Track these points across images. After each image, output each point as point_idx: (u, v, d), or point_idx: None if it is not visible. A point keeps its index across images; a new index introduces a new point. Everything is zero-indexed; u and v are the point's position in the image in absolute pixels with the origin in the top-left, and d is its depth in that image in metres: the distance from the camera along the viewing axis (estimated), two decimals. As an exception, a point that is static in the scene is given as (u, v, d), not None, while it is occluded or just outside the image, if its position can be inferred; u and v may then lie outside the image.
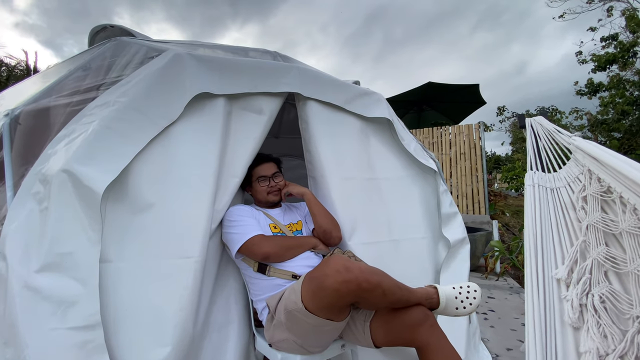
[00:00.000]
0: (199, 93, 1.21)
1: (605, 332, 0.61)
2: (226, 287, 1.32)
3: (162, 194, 1.10)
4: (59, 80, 1.37)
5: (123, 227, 1.02)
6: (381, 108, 1.66)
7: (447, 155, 5.73)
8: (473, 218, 5.21)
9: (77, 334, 0.87)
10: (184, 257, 1.06)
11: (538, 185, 0.96)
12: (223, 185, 1.29)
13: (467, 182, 5.46)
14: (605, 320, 0.62)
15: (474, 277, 3.73)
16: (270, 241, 1.26)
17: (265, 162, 1.49)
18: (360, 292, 0.93)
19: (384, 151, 1.72)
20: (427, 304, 1.08)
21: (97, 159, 0.99)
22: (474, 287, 1.11)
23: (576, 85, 8.22)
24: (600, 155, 0.83)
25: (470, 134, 5.56)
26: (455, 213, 1.74)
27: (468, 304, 1.08)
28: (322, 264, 1.01)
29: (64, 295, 0.89)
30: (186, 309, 1.03)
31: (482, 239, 3.96)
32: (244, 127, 1.35)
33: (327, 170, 1.48)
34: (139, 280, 1.01)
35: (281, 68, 1.43)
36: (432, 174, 1.78)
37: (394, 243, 1.55)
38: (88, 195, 0.94)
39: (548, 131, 1.09)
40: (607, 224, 0.73)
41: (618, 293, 0.64)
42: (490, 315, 2.55)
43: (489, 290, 3.20)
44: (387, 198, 1.63)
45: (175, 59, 1.22)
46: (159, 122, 1.13)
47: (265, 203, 1.47)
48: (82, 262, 0.92)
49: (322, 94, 1.51)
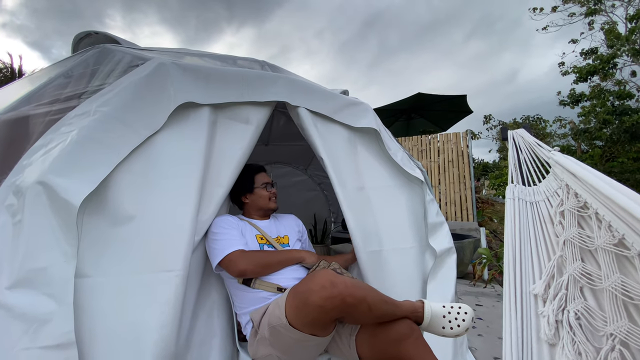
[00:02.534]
0: (183, 102, 1.20)
1: (580, 349, 0.62)
2: (209, 300, 1.29)
3: (144, 205, 1.07)
4: (38, 87, 1.34)
5: (102, 240, 0.99)
6: (368, 118, 1.67)
7: (436, 163, 5.81)
8: (461, 225, 5.28)
9: (50, 353, 0.84)
10: (165, 271, 1.04)
11: (518, 198, 0.98)
12: (208, 195, 1.28)
13: (455, 190, 5.53)
14: (580, 338, 0.63)
15: (461, 284, 3.76)
16: (248, 258, 1.23)
17: (263, 171, 1.53)
18: (346, 307, 0.92)
19: (372, 160, 1.72)
20: (413, 318, 1.08)
21: (74, 169, 0.96)
22: (466, 308, 1.10)
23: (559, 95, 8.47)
24: (577, 170, 0.85)
25: (458, 141, 5.66)
26: (442, 222, 1.76)
27: (456, 325, 1.06)
28: (307, 278, 1.00)
29: (37, 313, 0.85)
30: (168, 325, 1.00)
31: (470, 246, 4.01)
32: (230, 137, 1.34)
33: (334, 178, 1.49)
34: (117, 296, 0.97)
35: (268, 77, 1.43)
36: (419, 184, 1.80)
37: (383, 253, 1.55)
38: (64, 207, 0.91)
39: (529, 144, 1.11)
40: (584, 239, 0.75)
41: (593, 310, 0.65)
42: (479, 323, 2.57)
43: (477, 298, 3.23)
44: (375, 207, 1.64)
45: (160, 68, 1.21)
46: (142, 132, 1.11)
47: (263, 210, 1.46)
48: (56, 277, 0.89)
49: (310, 103, 1.51)
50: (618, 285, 0.62)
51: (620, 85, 7.70)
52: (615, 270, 0.65)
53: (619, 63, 7.56)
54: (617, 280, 0.63)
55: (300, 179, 3.59)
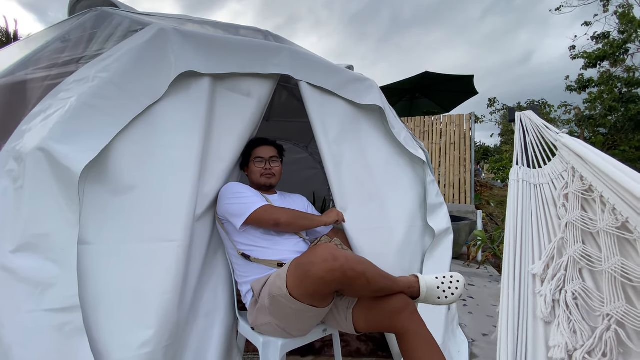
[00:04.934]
0: (184, 71, 1.16)
1: (575, 328, 0.64)
2: (214, 274, 1.32)
3: (144, 175, 1.06)
4: (35, 51, 1.29)
5: (103, 208, 0.99)
6: (373, 95, 1.63)
7: (437, 145, 5.77)
8: (459, 207, 5.32)
9: (54, 316, 0.86)
10: (166, 241, 1.05)
11: (522, 180, 0.97)
12: (209, 168, 1.27)
13: (455, 172, 5.53)
14: (576, 317, 0.65)
15: (456, 264, 3.84)
16: (281, 209, 1.29)
17: (264, 145, 1.49)
18: (346, 280, 0.94)
19: (375, 139, 1.70)
20: (409, 293, 1.10)
21: (75, 137, 0.94)
22: (457, 277, 1.14)
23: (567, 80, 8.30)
24: (585, 153, 0.84)
25: (461, 124, 5.59)
26: (441, 204, 1.77)
27: (450, 294, 1.10)
28: (309, 251, 1.01)
29: (41, 277, 0.87)
30: (169, 292, 1.02)
31: (466, 228, 4.06)
32: (230, 110, 1.31)
33: (325, 153, 1.47)
34: (119, 263, 0.99)
35: (272, 48, 1.38)
36: (421, 164, 1.79)
37: (387, 230, 1.56)
38: (65, 175, 0.90)
39: (537, 126, 1.09)
40: (586, 222, 0.75)
41: (591, 290, 0.67)
42: (469, 302, 2.65)
43: (470, 278, 3.31)
44: (379, 185, 1.63)
45: (160, 34, 1.16)
46: (142, 101, 1.09)
47: (257, 185, 1.46)
48: (59, 243, 0.90)
49: (313, 77, 1.47)
50: (618, 268, 0.63)
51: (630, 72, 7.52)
52: (616, 252, 0.65)
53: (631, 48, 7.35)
54: (617, 262, 0.63)
55: (300, 156, 3.57)
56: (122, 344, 0.94)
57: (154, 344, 0.97)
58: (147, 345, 0.96)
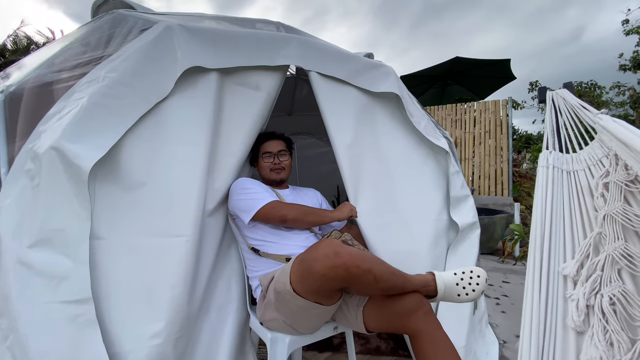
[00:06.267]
0: (190, 67, 1.15)
1: (612, 339, 0.54)
2: (227, 268, 1.32)
3: (153, 171, 1.08)
4: (54, 55, 1.35)
5: (114, 204, 1.02)
6: (389, 82, 1.54)
7: (471, 134, 5.44)
8: (495, 200, 5.00)
9: (68, 308, 0.90)
10: (175, 236, 1.06)
11: (553, 166, 0.86)
12: (219, 164, 1.26)
13: (490, 162, 5.19)
14: (614, 326, 0.54)
15: (490, 260, 3.61)
16: (289, 205, 1.28)
17: (272, 139, 1.46)
18: (350, 278, 0.89)
19: (392, 128, 1.61)
20: (424, 292, 1.02)
21: (85, 136, 0.97)
22: (478, 271, 1.04)
23: (620, 58, 7.45)
24: (631, 140, 0.71)
25: (497, 110, 5.22)
26: (467, 196, 1.64)
27: (471, 290, 1.01)
28: (313, 247, 0.97)
29: (56, 271, 0.90)
30: (179, 286, 1.03)
31: (501, 221, 3.80)
32: (239, 104, 1.29)
33: (337, 146, 1.41)
34: (131, 258, 1.01)
35: (280, 39, 1.34)
36: (443, 154, 1.67)
37: (404, 225, 1.48)
38: (76, 173, 0.93)
39: (571, 107, 0.96)
40: (629, 217, 0.63)
41: (631, 295, 0.56)
42: (503, 301, 2.47)
43: (505, 275, 3.10)
44: (396, 178, 1.55)
45: (166, 32, 1.16)
46: (150, 98, 1.10)
47: (268, 180, 1.44)
48: (72, 238, 0.93)
49: (324, 66, 1.41)
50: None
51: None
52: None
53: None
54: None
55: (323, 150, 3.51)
56: (133, 336, 0.96)
57: (165, 336, 0.99)
58: (158, 337, 0.98)
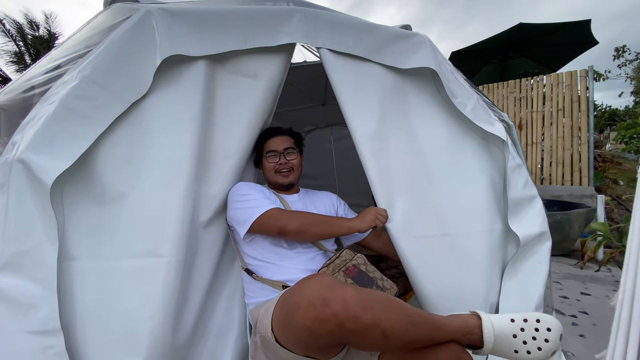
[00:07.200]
0: (171, 56, 0.98)
1: None
2: (227, 288, 1.16)
3: (133, 181, 0.94)
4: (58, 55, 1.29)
5: (89, 220, 0.90)
6: (422, 54, 1.22)
7: (539, 113, 4.66)
8: (571, 190, 4.24)
9: (36, 339, 0.80)
10: (154, 256, 0.91)
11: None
12: (213, 168, 1.09)
13: (565, 146, 4.38)
14: None
15: (564, 264, 3.03)
16: (290, 213, 1.06)
17: (277, 135, 1.25)
18: (345, 334, 0.65)
19: (429, 115, 1.30)
20: (465, 341, 0.74)
21: (51, 145, 0.86)
22: (548, 321, 0.73)
23: None
24: None
25: (573, 84, 4.36)
26: (533, 197, 1.26)
27: (535, 348, 0.71)
28: (299, 285, 0.74)
29: (23, 297, 0.81)
30: (158, 316, 0.89)
31: (580, 217, 3.16)
32: (234, 97, 1.10)
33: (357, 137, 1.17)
34: (107, 282, 0.89)
35: (280, 14, 1.11)
36: (499, 144, 1.31)
37: (446, 238, 1.17)
38: (40, 187, 0.83)
39: None
40: None
41: None
42: (582, 320, 1.99)
43: (584, 284, 2.55)
44: (436, 176, 1.24)
45: (145, 17, 1.01)
46: (125, 97, 0.95)
47: (274, 185, 1.24)
48: (39, 261, 0.83)
49: (338, 42, 1.15)
50: None
51: None
52: None
53: None
54: None
55: (361, 140, 3.22)
56: (108, 372, 0.85)
57: (143, 373, 0.86)
58: (135, 373, 0.85)
